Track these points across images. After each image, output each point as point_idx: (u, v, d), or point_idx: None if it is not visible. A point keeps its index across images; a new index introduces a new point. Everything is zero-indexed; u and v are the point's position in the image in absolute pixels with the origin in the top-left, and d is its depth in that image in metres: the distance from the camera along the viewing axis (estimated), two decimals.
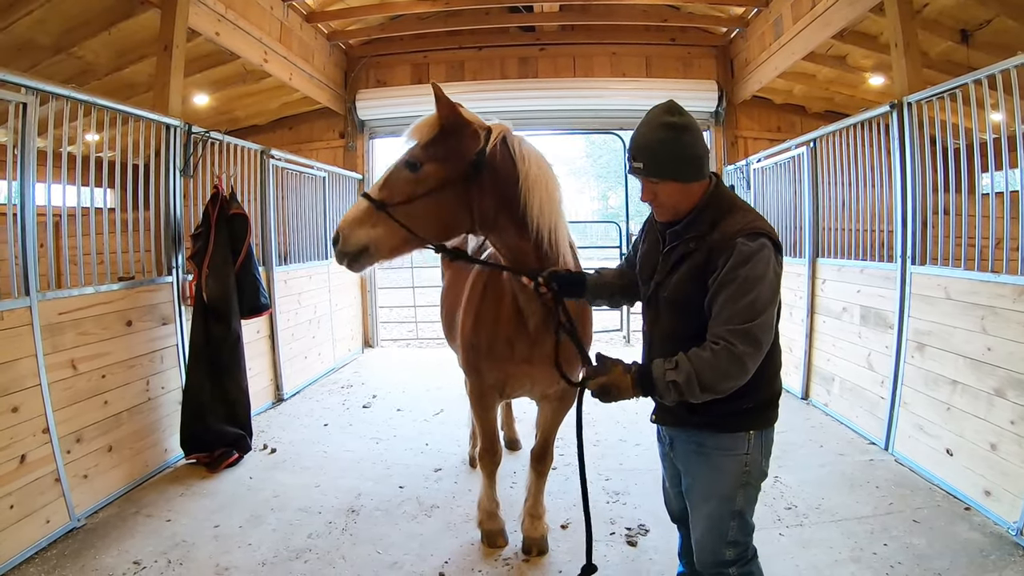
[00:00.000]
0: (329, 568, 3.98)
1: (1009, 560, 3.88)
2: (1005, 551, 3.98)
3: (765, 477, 2.80)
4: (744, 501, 2.71)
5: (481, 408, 4.12)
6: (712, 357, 2.37)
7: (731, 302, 2.39)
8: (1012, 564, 3.84)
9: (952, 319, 4.94)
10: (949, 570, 3.82)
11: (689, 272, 2.58)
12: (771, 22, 9.04)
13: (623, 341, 11.31)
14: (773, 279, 2.46)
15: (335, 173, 10.16)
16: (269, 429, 6.63)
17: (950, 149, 5.11)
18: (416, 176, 3.12)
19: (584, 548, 3.10)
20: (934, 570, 3.82)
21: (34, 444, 4.19)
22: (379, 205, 3.11)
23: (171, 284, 5.82)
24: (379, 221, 3.12)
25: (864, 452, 5.77)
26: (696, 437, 2.74)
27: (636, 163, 2.65)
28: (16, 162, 4.24)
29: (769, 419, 2.74)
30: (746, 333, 2.36)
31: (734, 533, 2.73)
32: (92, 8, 6.80)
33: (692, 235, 2.61)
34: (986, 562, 3.89)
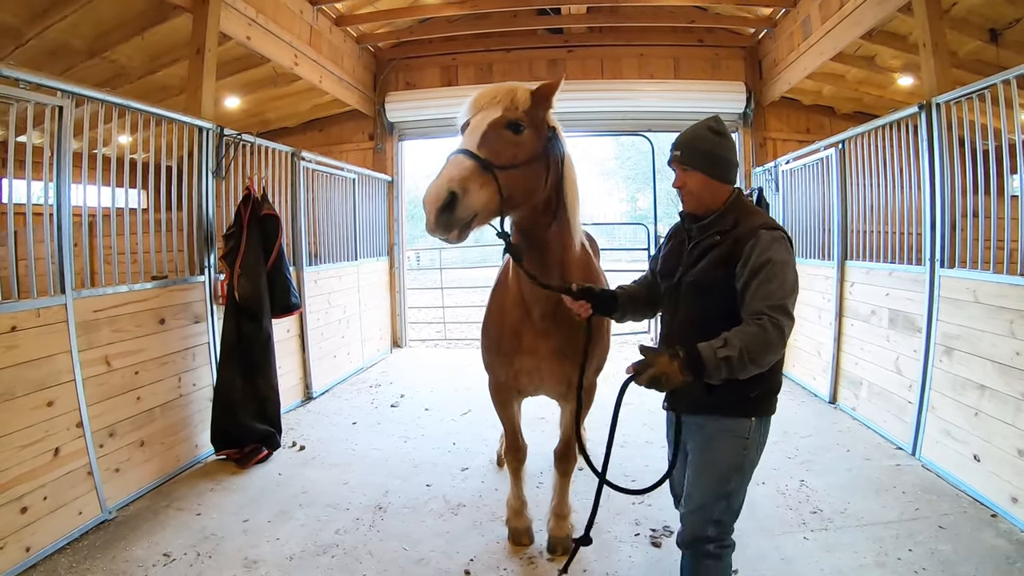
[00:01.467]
0: (356, 563, 4.04)
1: None
2: None
3: (756, 466, 2.99)
4: (736, 484, 2.93)
5: (499, 405, 4.19)
6: (759, 331, 2.58)
7: (766, 283, 2.66)
8: None
9: (980, 323, 4.89)
10: None
11: (716, 260, 2.84)
12: (799, 22, 8.99)
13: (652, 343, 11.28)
14: (793, 264, 2.78)
15: (364, 175, 10.25)
16: (298, 427, 6.72)
17: (979, 151, 5.05)
18: (519, 139, 3.03)
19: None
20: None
21: (68, 438, 4.30)
22: (486, 165, 2.84)
23: (203, 283, 5.93)
24: (485, 183, 2.83)
25: (891, 457, 5.73)
26: (705, 420, 2.96)
27: (675, 151, 3.01)
28: (52, 164, 4.34)
29: (769, 408, 2.98)
30: (783, 307, 2.64)
31: (720, 513, 2.94)
32: (125, 13, 6.93)
33: (718, 229, 2.89)
34: (1012, 569, 3.86)
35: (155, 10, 6.78)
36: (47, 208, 4.36)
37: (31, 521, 3.98)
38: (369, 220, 10.43)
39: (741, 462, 2.90)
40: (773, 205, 9.22)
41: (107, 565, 3.99)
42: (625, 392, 2.90)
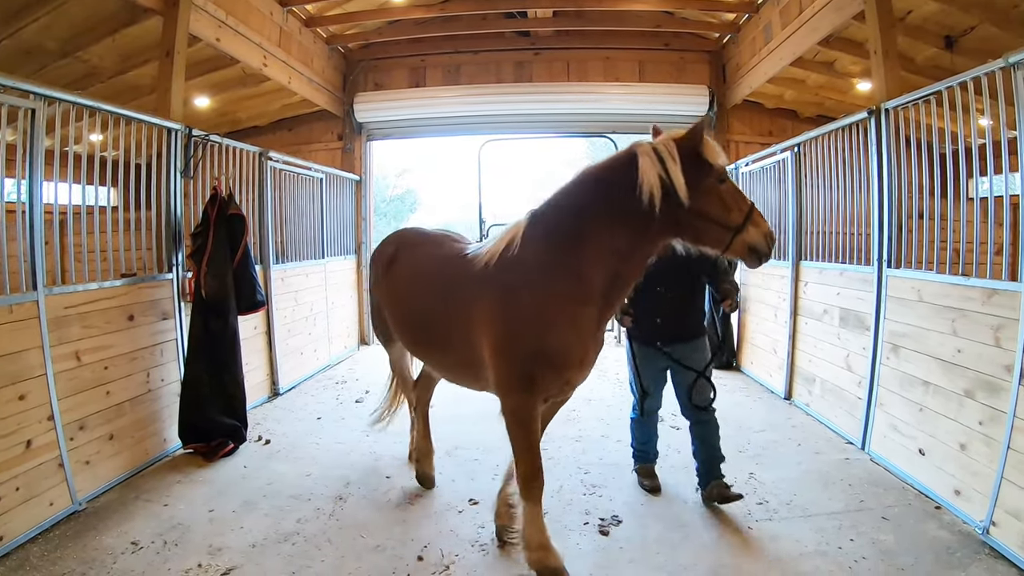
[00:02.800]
0: (315, 550, 4.19)
1: (975, 558, 4.02)
2: (971, 549, 4.12)
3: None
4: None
5: (533, 422, 3.85)
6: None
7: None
8: (977, 562, 3.99)
9: (925, 321, 5.11)
10: (914, 566, 3.96)
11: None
12: (761, 28, 9.25)
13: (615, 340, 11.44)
14: None
15: (332, 174, 10.36)
16: (264, 422, 6.84)
17: (925, 154, 5.26)
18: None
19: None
20: (898, 566, 3.96)
21: (40, 431, 4.41)
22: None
23: (171, 281, 6.04)
24: None
25: (841, 451, 5.94)
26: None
27: None
28: (25, 163, 4.45)
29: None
30: None
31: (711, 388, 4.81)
32: (97, 14, 7.01)
33: None
34: (951, 559, 4.03)
35: (126, 12, 6.86)
36: (20, 206, 4.47)
37: (4, 511, 4.08)
38: (337, 219, 10.54)
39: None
40: None
41: (77, 553, 4.10)
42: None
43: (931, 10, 7.31)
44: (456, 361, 4.25)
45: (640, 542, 4.32)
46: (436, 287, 4.25)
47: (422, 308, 4.35)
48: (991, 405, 4.30)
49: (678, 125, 9.72)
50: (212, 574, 3.92)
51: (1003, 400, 4.15)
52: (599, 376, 8.82)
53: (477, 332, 3.85)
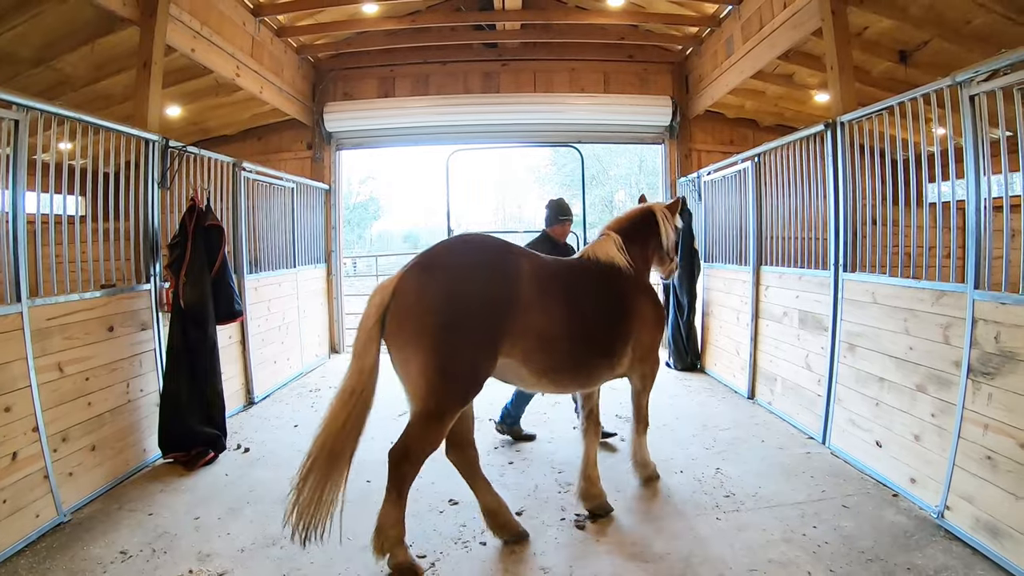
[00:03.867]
0: (302, 553, 4.25)
1: (930, 540, 4.29)
2: (927, 532, 4.40)
3: None
4: None
5: None
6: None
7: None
8: (933, 543, 4.25)
9: (879, 321, 5.40)
10: (873, 548, 4.22)
11: None
12: (723, 41, 9.51)
13: None
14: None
15: (303, 184, 10.42)
16: (242, 430, 6.91)
17: (879, 163, 5.54)
18: None
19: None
20: (859, 549, 4.22)
21: (25, 442, 4.46)
22: None
23: (149, 291, 6.10)
24: None
25: (803, 446, 6.20)
26: None
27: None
28: (7, 175, 4.51)
29: None
30: None
31: None
32: (72, 24, 7.02)
33: None
34: (909, 542, 4.29)
35: (102, 22, 6.90)
36: (2, 216, 4.50)
37: None
38: (307, 228, 10.60)
39: None
40: (696, 214, 9.69)
41: (67, 564, 4.16)
42: None
43: (886, 26, 7.60)
44: (602, 362, 4.62)
45: (614, 535, 4.53)
46: (606, 295, 4.71)
47: (585, 317, 4.49)
48: (942, 398, 4.60)
49: (643, 135, 10.01)
50: None
51: (952, 393, 4.46)
52: None
53: (640, 327, 4.81)
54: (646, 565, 4.13)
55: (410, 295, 3.97)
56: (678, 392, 8.42)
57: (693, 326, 9.67)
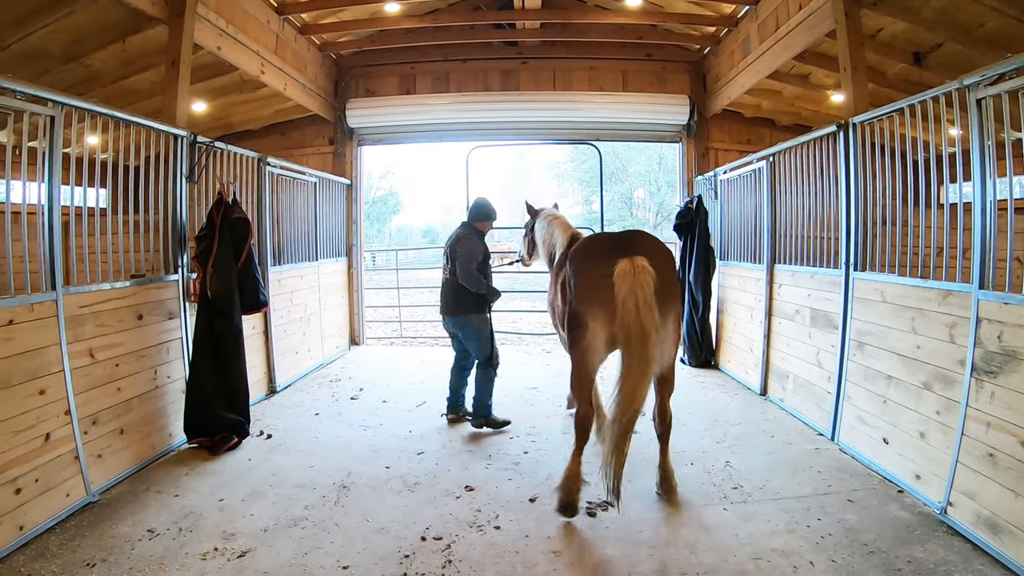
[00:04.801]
0: (324, 533, 4.48)
1: (932, 535, 4.36)
2: (929, 527, 4.46)
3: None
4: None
5: None
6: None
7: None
8: (935, 538, 4.32)
9: (887, 320, 5.46)
10: (875, 541, 4.30)
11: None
12: (740, 42, 9.57)
13: None
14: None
15: (325, 179, 10.58)
16: (264, 417, 7.10)
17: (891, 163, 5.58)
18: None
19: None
20: (861, 541, 4.30)
21: (58, 424, 4.65)
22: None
23: (177, 282, 6.30)
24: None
25: (812, 442, 6.28)
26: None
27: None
28: (44, 169, 4.70)
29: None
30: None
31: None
32: (102, 22, 7.20)
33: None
34: (911, 536, 4.37)
35: (132, 21, 7.06)
36: (40, 209, 4.70)
37: (24, 501, 4.30)
38: (329, 222, 10.75)
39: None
40: (712, 212, 9.76)
41: (96, 541, 4.34)
42: None
43: (899, 29, 7.65)
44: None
45: (624, 522, 4.65)
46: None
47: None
48: (947, 396, 4.65)
49: (661, 133, 10.11)
50: (229, 556, 4.18)
51: (957, 391, 4.51)
52: None
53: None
54: (652, 550, 4.26)
55: (666, 275, 4.77)
56: (691, 388, 8.48)
57: (708, 323, 9.73)
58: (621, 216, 45.75)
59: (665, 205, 42.20)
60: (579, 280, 4.89)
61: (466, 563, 4.14)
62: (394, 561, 4.15)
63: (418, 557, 4.20)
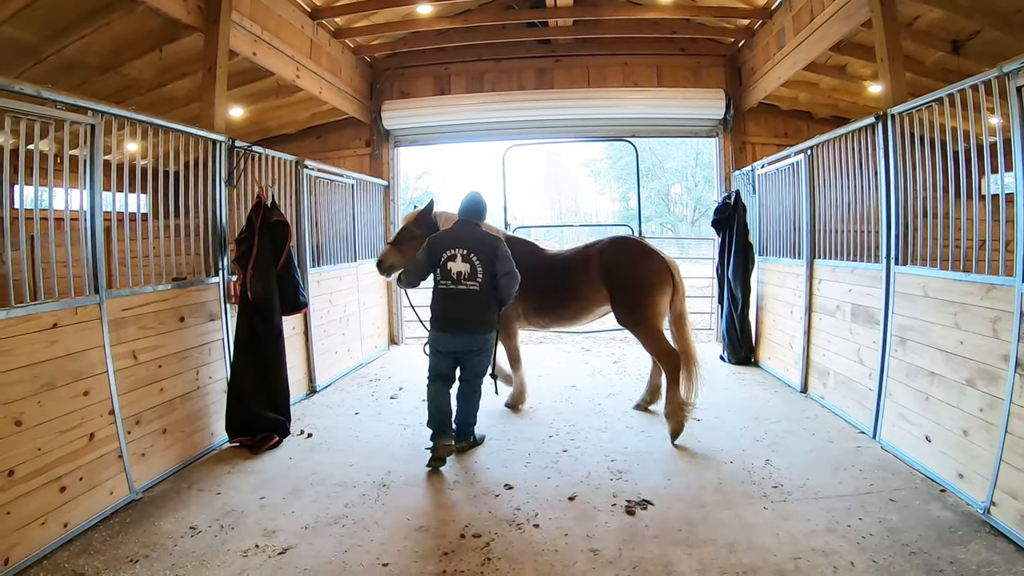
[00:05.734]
0: (364, 531, 4.52)
1: (975, 535, 4.27)
2: (972, 528, 4.37)
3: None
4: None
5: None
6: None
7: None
8: (977, 539, 4.23)
9: (929, 315, 5.35)
10: (917, 542, 4.21)
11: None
12: (774, 33, 9.47)
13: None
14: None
15: (362, 180, 10.65)
16: (304, 417, 7.16)
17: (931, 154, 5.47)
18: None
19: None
20: (902, 542, 4.22)
21: (101, 424, 4.76)
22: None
23: (217, 284, 6.40)
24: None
25: (853, 440, 6.18)
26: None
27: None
28: (86, 175, 4.82)
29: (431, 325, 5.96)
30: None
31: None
32: (138, 32, 7.36)
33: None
34: (953, 537, 4.28)
35: (168, 29, 7.20)
36: (82, 215, 4.82)
37: (69, 499, 4.41)
38: (367, 223, 10.82)
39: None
40: (750, 207, 9.68)
41: (139, 538, 4.43)
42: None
43: (936, 16, 7.53)
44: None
45: (663, 520, 4.63)
46: None
47: None
48: (990, 393, 4.54)
49: (696, 128, 10.06)
50: (270, 553, 4.24)
51: (1001, 388, 4.39)
52: (620, 373, 9.18)
53: None
54: (691, 549, 4.23)
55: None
56: (731, 386, 8.43)
57: (747, 320, 9.64)
58: (659, 212, 45.61)
59: (702, 201, 41.98)
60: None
61: (505, 561, 4.15)
62: (434, 559, 4.17)
63: (457, 555, 4.21)
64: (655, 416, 6.96)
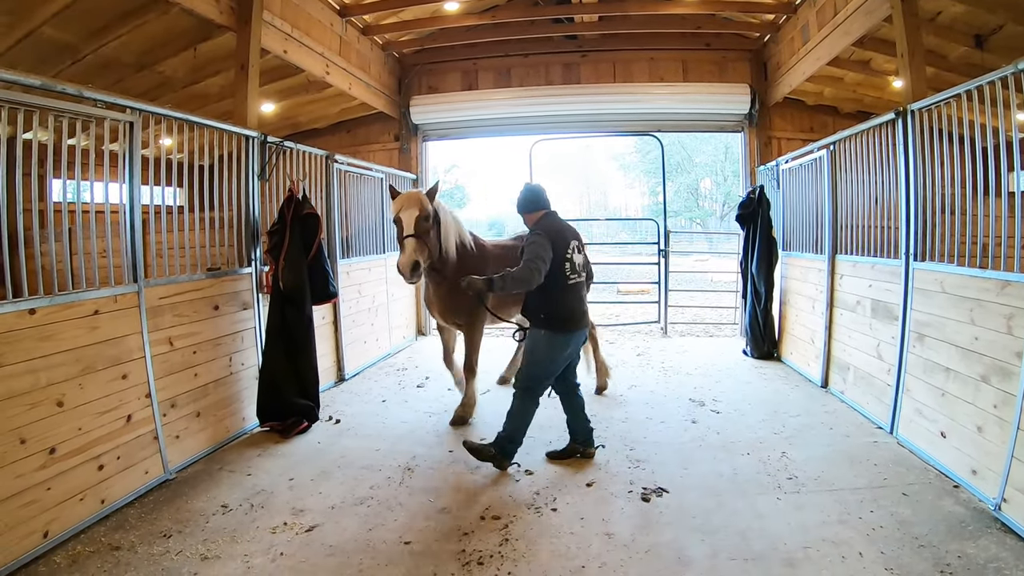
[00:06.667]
0: (388, 512, 4.71)
1: (985, 531, 4.31)
2: (983, 523, 4.40)
3: (551, 359, 5.41)
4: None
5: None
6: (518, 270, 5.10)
7: (524, 253, 5.18)
8: (988, 534, 4.26)
9: (946, 311, 5.38)
10: (927, 535, 4.27)
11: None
12: (799, 28, 9.49)
13: (661, 332, 11.82)
14: (540, 244, 5.20)
15: (391, 174, 10.79)
16: (333, 404, 7.37)
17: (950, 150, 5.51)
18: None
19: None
20: (912, 535, 4.28)
21: (138, 407, 4.99)
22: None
23: (250, 274, 6.61)
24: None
25: (870, 435, 6.23)
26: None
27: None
28: (125, 170, 5.04)
29: (553, 327, 5.33)
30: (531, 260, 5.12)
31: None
32: (172, 31, 7.60)
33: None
34: (964, 531, 4.32)
35: (200, 29, 7.42)
36: (121, 208, 5.04)
37: (106, 477, 4.64)
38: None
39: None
40: (774, 202, 9.70)
41: (172, 515, 4.66)
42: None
43: (958, 11, 7.54)
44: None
45: (677, 508, 4.76)
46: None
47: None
48: (1004, 389, 4.56)
49: (722, 123, 10.12)
50: (297, 531, 4.44)
51: (1014, 384, 4.41)
52: (643, 365, 9.28)
53: None
54: (704, 536, 4.35)
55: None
56: (752, 380, 8.49)
57: (770, 314, 9.66)
58: (688, 207, 45.44)
59: (731, 196, 41.73)
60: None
61: (522, 542, 4.30)
62: (454, 538, 4.34)
63: (476, 535, 4.38)
64: (674, 408, 7.12)
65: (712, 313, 13.23)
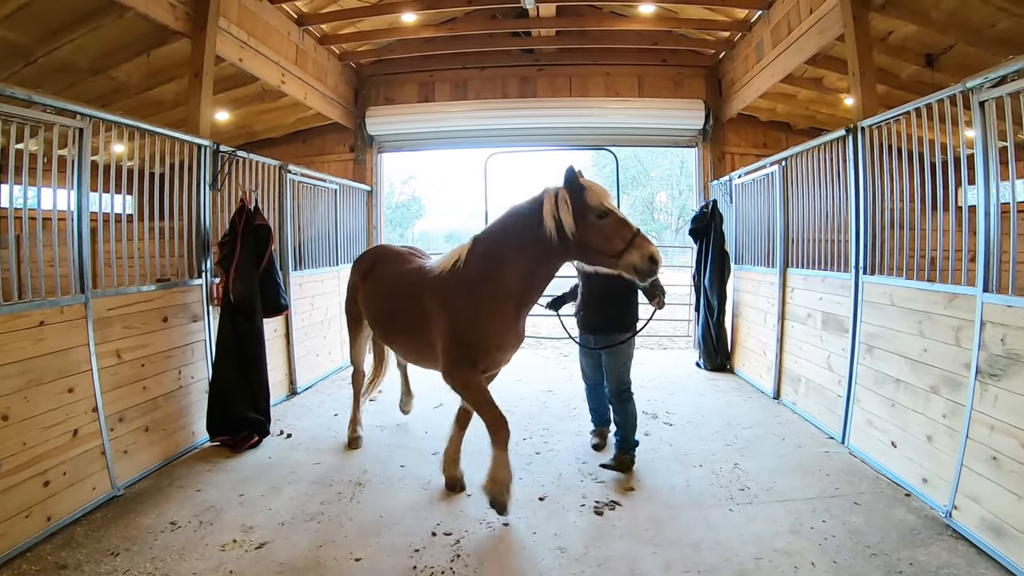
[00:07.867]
0: (338, 527, 4.65)
1: (937, 538, 4.40)
2: (935, 531, 4.51)
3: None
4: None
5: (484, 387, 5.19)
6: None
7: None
8: (939, 541, 4.36)
9: (896, 323, 5.51)
10: (879, 544, 4.36)
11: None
12: (753, 46, 9.68)
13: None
14: None
15: (346, 185, 10.74)
16: (285, 417, 7.28)
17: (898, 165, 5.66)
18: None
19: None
20: (864, 543, 4.36)
21: (85, 421, 4.87)
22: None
23: (200, 286, 6.49)
24: None
25: (822, 445, 6.33)
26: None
27: None
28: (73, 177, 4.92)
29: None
30: None
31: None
32: (127, 36, 7.49)
33: None
34: (915, 539, 4.41)
35: (156, 34, 7.31)
36: (69, 215, 4.92)
37: (52, 494, 4.52)
38: (349, 228, 10.90)
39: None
40: (727, 216, 9.84)
41: (120, 532, 4.55)
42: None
43: (910, 31, 7.75)
44: (417, 347, 5.38)
45: (630, 521, 4.78)
46: (403, 292, 5.44)
47: (392, 307, 5.56)
48: (953, 399, 4.69)
49: (676, 138, 10.21)
50: (247, 548, 4.37)
51: (963, 395, 4.54)
52: None
53: (430, 325, 5.02)
54: (657, 548, 4.38)
55: None
56: (706, 391, 8.56)
57: (723, 327, 9.79)
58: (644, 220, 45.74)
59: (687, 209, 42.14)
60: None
61: (474, 557, 4.28)
62: (405, 554, 4.30)
63: (428, 551, 4.35)
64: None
65: (665, 326, 13.33)
